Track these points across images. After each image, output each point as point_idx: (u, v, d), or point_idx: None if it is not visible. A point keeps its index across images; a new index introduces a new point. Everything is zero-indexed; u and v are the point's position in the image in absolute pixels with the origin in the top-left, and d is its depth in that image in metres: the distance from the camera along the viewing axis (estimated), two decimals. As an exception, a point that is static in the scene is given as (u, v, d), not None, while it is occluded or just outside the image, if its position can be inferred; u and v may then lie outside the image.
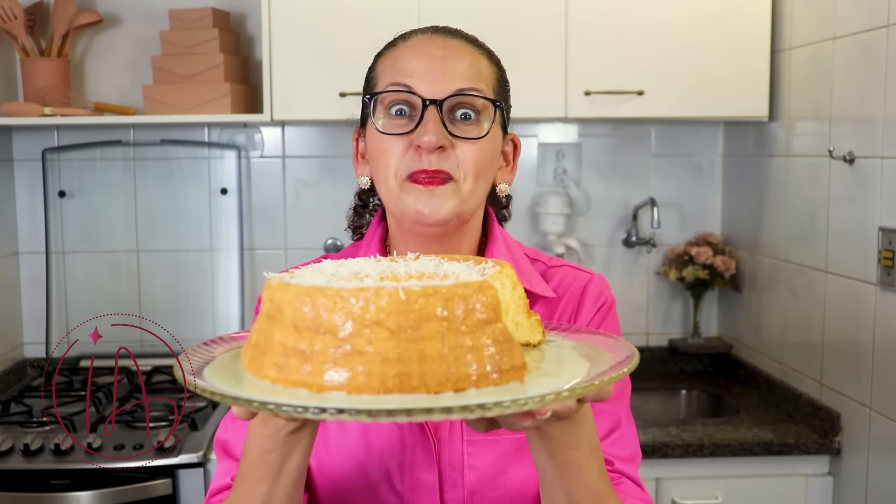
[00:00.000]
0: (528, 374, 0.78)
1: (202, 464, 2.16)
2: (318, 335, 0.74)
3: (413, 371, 0.72)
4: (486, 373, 0.74)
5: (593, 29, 2.54)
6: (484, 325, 0.76)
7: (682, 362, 3.03)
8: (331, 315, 0.73)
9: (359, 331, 0.72)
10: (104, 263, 2.93)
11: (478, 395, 0.72)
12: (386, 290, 0.72)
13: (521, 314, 0.89)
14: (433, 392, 0.72)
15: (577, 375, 0.79)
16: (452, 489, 1.12)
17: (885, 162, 2.10)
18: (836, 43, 2.29)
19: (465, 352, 0.74)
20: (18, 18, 2.62)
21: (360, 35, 2.46)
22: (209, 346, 0.90)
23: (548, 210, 2.91)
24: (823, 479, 2.36)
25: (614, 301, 1.23)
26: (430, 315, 0.73)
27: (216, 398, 0.74)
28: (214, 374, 0.81)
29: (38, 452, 2.14)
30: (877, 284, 2.13)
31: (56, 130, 2.88)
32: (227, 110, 2.57)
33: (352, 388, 0.72)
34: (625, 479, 1.14)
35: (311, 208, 2.94)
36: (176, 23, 2.66)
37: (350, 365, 0.72)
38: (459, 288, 0.75)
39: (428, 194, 1.11)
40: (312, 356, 0.73)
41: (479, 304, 0.75)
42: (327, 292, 0.74)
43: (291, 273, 0.84)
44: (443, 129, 1.09)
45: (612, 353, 0.86)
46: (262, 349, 0.78)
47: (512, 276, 0.89)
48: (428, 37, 1.16)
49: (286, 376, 0.75)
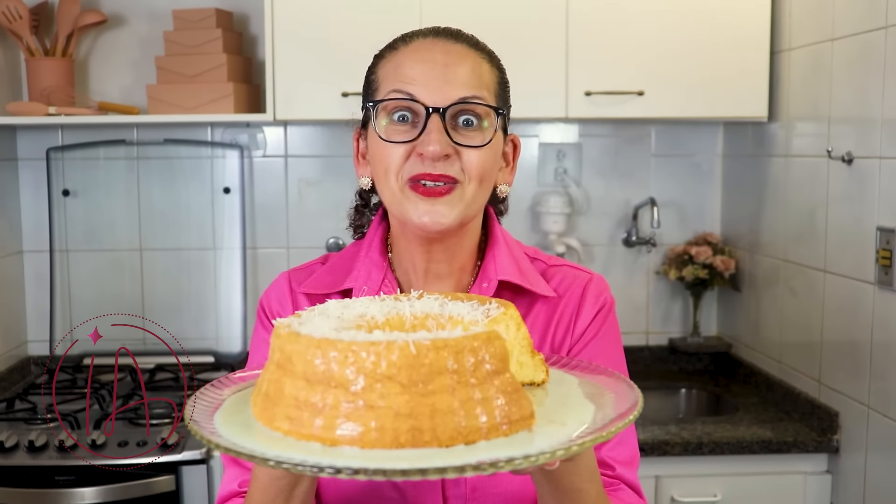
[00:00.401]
0: (536, 423, 0.79)
1: (205, 460, 2.17)
2: (329, 388, 0.74)
3: (425, 426, 0.72)
4: (496, 424, 0.75)
5: (594, 30, 2.56)
6: (493, 376, 0.76)
7: (681, 361, 3.05)
8: (342, 369, 0.74)
9: (371, 385, 0.73)
10: (107, 262, 2.94)
11: (488, 448, 0.73)
12: (397, 345, 0.73)
13: (526, 354, 0.91)
14: (445, 446, 0.73)
15: (583, 421, 0.80)
16: (454, 486, 1.14)
17: (883, 162, 2.11)
18: (835, 44, 2.31)
19: (475, 404, 0.74)
20: (23, 18, 2.64)
21: (363, 35, 2.46)
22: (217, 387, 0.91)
23: (548, 209, 2.92)
24: (822, 478, 2.38)
25: (614, 302, 1.24)
26: (441, 369, 0.74)
27: (233, 454, 0.75)
28: (225, 421, 0.82)
29: (42, 449, 2.16)
30: (875, 284, 2.15)
31: (60, 130, 2.89)
32: (230, 110, 2.59)
33: (364, 442, 0.72)
34: (623, 485, 1.15)
35: (313, 207, 2.96)
36: (179, 23, 2.68)
37: (363, 420, 0.73)
38: (468, 340, 0.75)
39: (430, 204, 1.11)
40: (324, 410, 0.74)
41: (487, 356, 0.76)
42: (338, 346, 0.74)
43: (299, 318, 0.84)
44: (446, 137, 1.10)
45: (614, 393, 0.87)
46: (273, 400, 0.79)
47: (516, 316, 0.91)
48: (429, 41, 1.15)
49: (299, 429, 0.75)
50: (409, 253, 1.20)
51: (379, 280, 1.20)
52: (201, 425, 0.81)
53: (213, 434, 0.78)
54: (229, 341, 2.93)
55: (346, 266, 1.23)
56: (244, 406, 0.85)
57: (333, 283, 1.21)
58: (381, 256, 1.22)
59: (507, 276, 1.19)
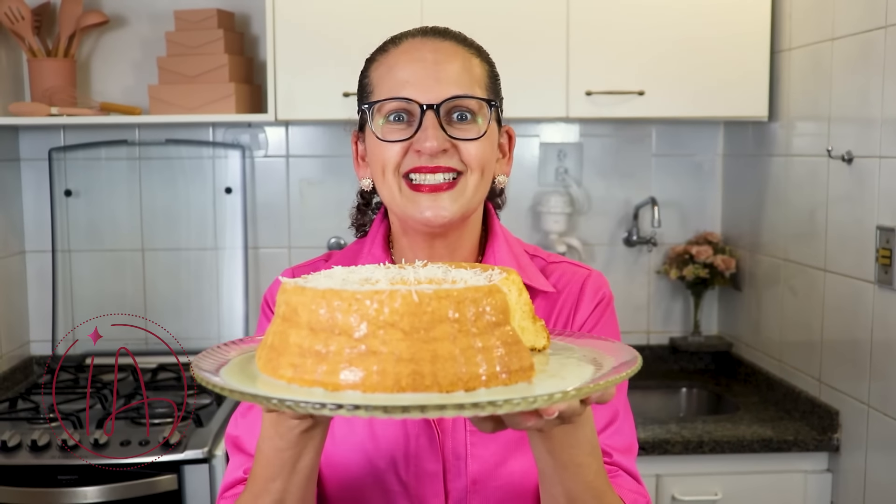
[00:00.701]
0: (535, 376, 0.81)
1: (207, 459, 2.18)
2: (333, 336, 0.76)
3: (426, 370, 0.74)
4: (495, 373, 0.77)
5: (594, 30, 2.56)
6: (493, 328, 0.78)
7: (682, 360, 3.05)
8: (346, 317, 0.76)
9: (373, 332, 0.75)
10: (110, 262, 2.95)
11: (488, 395, 0.75)
12: (399, 293, 0.75)
13: (527, 319, 0.92)
14: (445, 391, 0.74)
15: (582, 378, 0.82)
16: (456, 478, 1.15)
17: (882, 161, 2.12)
18: (834, 44, 2.31)
19: (475, 353, 0.76)
20: (25, 19, 2.65)
21: (364, 35, 2.45)
22: (222, 349, 0.92)
23: (549, 209, 2.93)
24: (822, 476, 2.38)
25: (612, 297, 1.26)
26: (443, 317, 0.75)
27: (235, 397, 0.76)
28: (230, 374, 0.84)
29: (45, 448, 2.17)
30: (875, 283, 2.15)
31: (62, 130, 2.90)
32: (231, 110, 2.60)
33: (366, 386, 0.74)
34: (621, 471, 1.17)
35: (314, 207, 2.97)
36: (181, 23, 2.68)
37: (365, 364, 0.74)
38: (470, 291, 0.77)
39: (433, 199, 1.14)
40: (328, 356, 0.76)
41: (488, 307, 0.78)
42: (343, 295, 0.76)
43: (304, 278, 0.86)
44: (442, 132, 1.13)
45: (614, 357, 0.89)
46: (277, 350, 0.80)
47: (518, 282, 0.92)
48: (418, 40, 1.18)
49: (302, 376, 0.77)
50: (410, 249, 1.22)
51: None
52: (204, 371, 0.82)
53: (218, 381, 0.80)
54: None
55: (349, 261, 1.24)
56: (249, 362, 0.87)
57: None
58: (384, 252, 1.24)
59: None
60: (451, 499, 1.15)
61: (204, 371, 0.82)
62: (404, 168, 1.15)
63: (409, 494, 1.16)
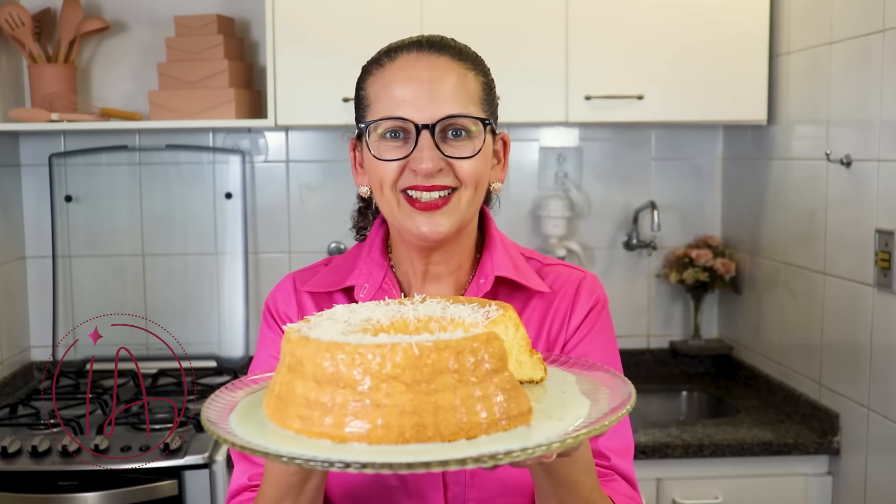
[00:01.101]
0: (534, 418, 0.83)
1: (208, 465, 2.18)
2: (338, 389, 0.79)
3: (428, 422, 0.77)
4: (495, 420, 0.80)
5: (593, 34, 2.57)
6: (492, 375, 0.81)
7: (682, 364, 3.05)
8: (350, 370, 0.78)
9: (377, 385, 0.77)
10: (110, 267, 2.95)
11: (489, 442, 0.78)
12: (401, 347, 0.77)
13: (525, 353, 0.95)
14: (447, 440, 0.77)
15: (579, 416, 0.85)
16: (454, 472, 1.17)
17: (881, 165, 2.12)
18: (833, 47, 2.32)
19: (475, 401, 0.79)
20: (26, 25, 2.65)
21: (363, 41, 2.45)
22: (227, 392, 0.95)
23: (549, 213, 2.93)
24: (822, 479, 2.38)
25: (607, 299, 1.29)
26: (443, 368, 0.78)
27: (248, 451, 0.79)
28: (241, 422, 0.87)
29: (45, 454, 2.17)
30: (874, 286, 2.15)
31: (63, 136, 2.91)
32: (231, 115, 2.60)
33: (372, 438, 0.77)
34: (617, 476, 1.19)
35: (314, 212, 2.97)
36: (181, 29, 2.69)
37: (370, 417, 0.77)
38: (468, 342, 0.80)
39: (428, 216, 1.17)
40: (334, 409, 0.79)
41: (486, 355, 0.81)
42: (346, 349, 0.79)
43: (307, 322, 0.89)
44: (437, 152, 1.15)
45: (609, 388, 0.92)
46: (285, 401, 0.83)
47: (514, 318, 0.95)
48: (413, 56, 1.19)
49: (310, 428, 0.80)
50: (407, 256, 1.25)
51: (380, 278, 1.25)
52: (218, 425, 0.85)
53: (229, 433, 0.83)
54: (231, 346, 2.94)
55: (348, 266, 1.28)
56: (257, 407, 0.90)
57: (336, 281, 1.26)
58: (382, 256, 1.26)
59: (504, 272, 1.23)
60: (450, 492, 1.18)
61: (215, 424, 0.85)
62: (401, 185, 1.17)
63: (408, 489, 1.18)
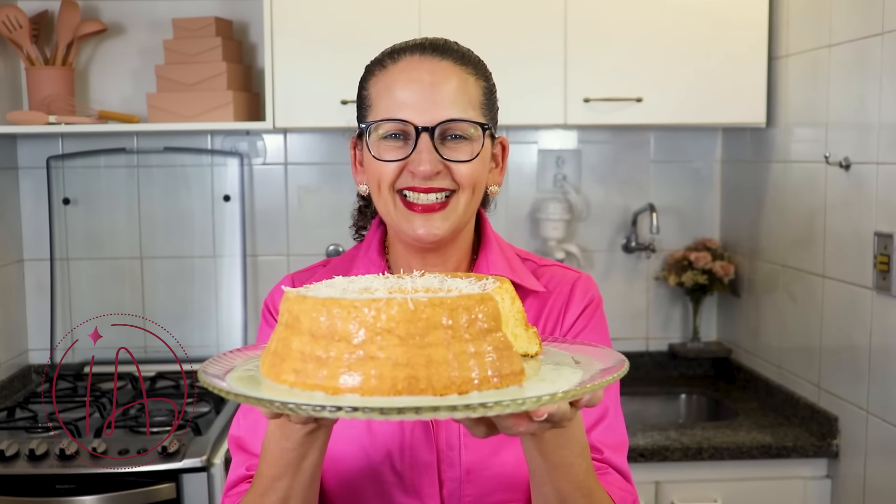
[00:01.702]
0: (526, 380, 0.84)
1: (206, 468, 2.17)
2: (333, 342, 0.80)
3: (421, 375, 0.78)
4: (487, 377, 0.80)
5: (592, 36, 2.57)
6: (485, 334, 0.82)
7: (681, 367, 3.05)
8: (345, 324, 0.79)
9: (371, 338, 0.78)
10: (108, 270, 2.95)
11: (480, 397, 0.78)
12: (396, 301, 0.79)
13: (520, 326, 0.96)
14: (439, 394, 0.78)
15: (571, 382, 0.85)
16: (450, 468, 1.19)
17: (880, 167, 2.12)
18: (832, 50, 2.32)
19: (468, 357, 0.80)
20: (23, 28, 2.65)
21: (362, 44, 2.45)
22: (228, 356, 0.96)
23: (548, 216, 2.93)
24: (821, 482, 2.38)
25: (601, 300, 1.30)
26: (437, 323, 0.79)
27: (240, 400, 0.80)
28: (236, 379, 0.87)
29: (43, 457, 2.16)
30: (873, 289, 2.15)
31: (60, 138, 2.90)
32: (229, 118, 2.60)
33: (364, 390, 0.78)
34: (611, 469, 1.20)
35: (313, 215, 2.97)
36: (179, 31, 2.69)
37: (363, 369, 0.78)
38: (463, 299, 0.81)
39: (424, 219, 1.19)
40: (328, 362, 0.80)
41: (481, 314, 0.82)
42: (342, 303, 0.80)
43: (307, 287, 0.90)
44: (436, 155, 1.17)
45: (602, 361, 0.93)
46: (280, 356, 0.84)
47: (511, 290, 0.96)
48: (416, 59, 1.20)
49: (304, 380, 0.81)
50: (404, 256, 1.27)
51: None
52: (211, 375, 0.86)
53: (221, 382, 0.84)
54: (230, 348, 2.93)
55: (346, 267, 1.30)
56: (254, 367, 0.91)
57: None
58: (380, 257, 1.29)
59: (499, 272, 1.25)
60: (446, 489, 1.19)
61: (210, 376, 0.86)
62: (399, 185, 1.19)
63: (404, 485, 1.19)
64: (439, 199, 1.18)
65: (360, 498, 1.20)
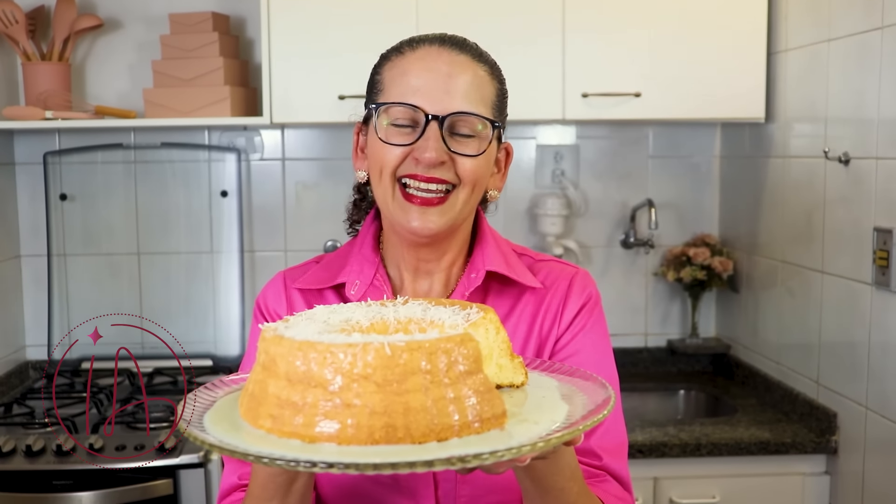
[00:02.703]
0: (509, 421, 0.82)
1: (203, 464, 2.17)
2: (309, 388, 0.77)
3: (398, 423, 0.76)
4: (468, 422, 0.78)
5: (590, 31, 2.56)
6: (465, 377, 0.79)
7: (680, 363, 3.05)
8: (321, 369, 0.77)
9: (348, 385, 0.76)
10: (105, 266, 2.94)
11: (460, 445, 0.76)
12: (372, 346, 0.76)
13: (505, 357, 0.94)
14: (418, 442, 0.76)
15: (555, 420, 0.83)
16: (445, 472, 1.17)
17: (879, 163, 2.12)
18: (831, 45, 2.31)
19: (447, 403, 0.77)
20: (20, 23, 2.64)
21: (359, 38, 2.47)
22: (211, 389, 0.95)
23: (546, 211, 2.92)
24: (820, 479, 2.38)
25: (599, 296, 1.29)
26: (415, 369, 0.77)
27: (216, 451, 0.78)
28: (214, 420, 0.86)
29: (40, 453, 2.16)
30: (872, 284, 2.15)
31: (57, 134, 2.89)
32: (226, 113, 2.59)
33: (341, 439, 0.76)
34: (608, 477, 1.18)
35: (310, 210, 2.96)
36: (176, 27, 2.68)
37: (340, 417, 0.76)
38: (442, 342, 0.78)
39: (421, 211, 1.17)
40: (304, 408, 0.77)
41: (460, 357, 0.79)
42: (318, 347, 0.77)
43: (286, 321, 0.88)
44: (443, 144, 1.15)
45: (589, 394, 0.91)
46: (257, 399, 0.82)
47: (495, 320, 0.94)
48: (435, 49, 1.19)
49: (280, 427, 0.79)
50: (399, 250, 1.25)
51: (371, 275, 1.25)
52: (191, 423, 0.84)
53: (200, 431, 0.82)
54: (227, 344, 2.93)
55: (339, 263, 1.28)
56: (233, 406, 0.89)
57: (327, 278, 1.26)
58: (373, 253, 1.27)
59: (495, 267, 1.23)
60: (441, 489, 1.17)
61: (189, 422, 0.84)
62: (400, 173, 1.17)
63: (399, 487, 1.17)
64: (439, 193, 1.17)
65: (355, 498, 1.19)
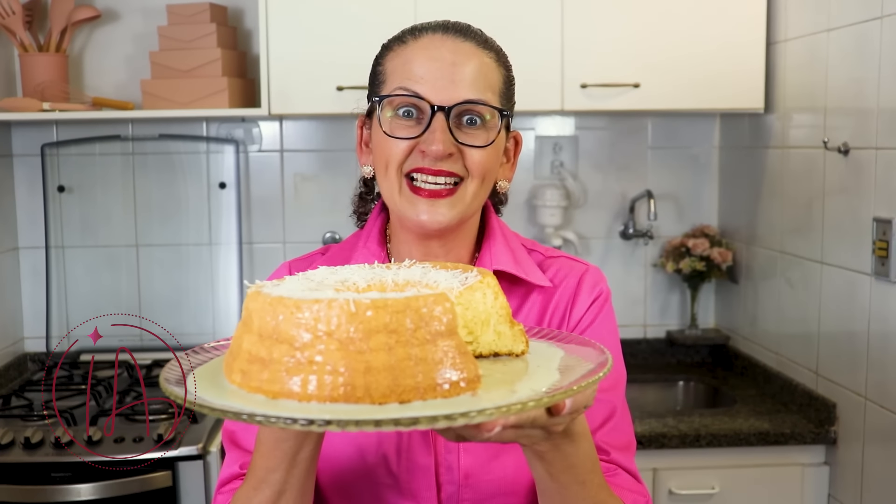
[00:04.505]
0: (491, 388, 0.78)
1: (202, 456, 2.17)
2: (276, 344, 0.76)
3: (358, 382, 0.73)
4: (433, 385, 0.75)
5: (589, 22, 2.55)
6: (437, 338, 0.76)
7: (679, 354, 3.05)
8: (288, 325, 0.76)
9: (312, 342, 0.74)
10: (104, 258, 2.94)
11: (422, 408, 0.73)
12: (337, 303, 0.74)
13: (504, 324, 0.90)
14: (377, 402, 0.73)
15: (535, 389, 0.78)
16: (448, 472, 1.14)
17: (879, 153, 2.11)
18: (830, 35, 2.30)
19: (412, 364, 0.74)
20: (17, 14, 2.63)
21: (358, 29, 2.47)
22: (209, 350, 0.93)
23: (545, 203, 2.92)
24: (819, 469, 2.38)
25: (609, 293, 1.25)
26: (378, 327, 0.74)
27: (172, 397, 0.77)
28: (199, 375, 0.85)
29: (38, 445, 2.16)
30: (871, 275, 2.14)
31: (55, 125, 2.88)
32: (225, 105, 2.58)
33: (301, 396, 0.74)
34: (620, 470, 1.15)
35: (309, 202, 2.95)
36: (174, 18, 2.67)
37: (302, 374, 0.74)
38: (411, 301, 0.75)
39: (429, 204, 1.13)
40: (270, 364, 0.76)
41: (432, 318, 0.76)
42: (287, 303, 0.76)
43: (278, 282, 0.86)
44: (450, 136, 1.12)
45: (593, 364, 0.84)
46: (233, 355, 0.81)
47: (494, 285, 0.90)
48: (439, 37, 1.16)
49: (248, 382, 0.78)
50: (406, 245, 1.22)
51: None
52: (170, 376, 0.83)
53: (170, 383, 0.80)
54: (225, 337, 2.92)
55: (345, 256, 1.24)
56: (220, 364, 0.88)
57: None
58: (380, 247, 1.23)
59: (502, 266, 1.20)
60: (444, 492, 1.15)
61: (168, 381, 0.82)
62: (407, 167, 1.14)
63: (400, 488, 1.15)
64: (447, 185, 1.13)
65: (355, 499, 1.17)
